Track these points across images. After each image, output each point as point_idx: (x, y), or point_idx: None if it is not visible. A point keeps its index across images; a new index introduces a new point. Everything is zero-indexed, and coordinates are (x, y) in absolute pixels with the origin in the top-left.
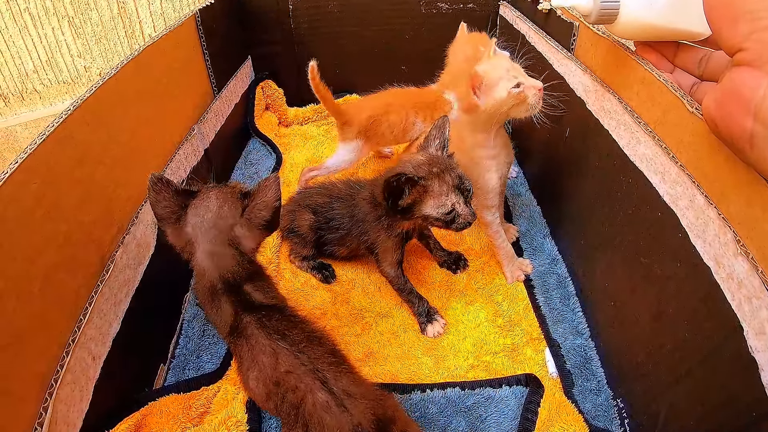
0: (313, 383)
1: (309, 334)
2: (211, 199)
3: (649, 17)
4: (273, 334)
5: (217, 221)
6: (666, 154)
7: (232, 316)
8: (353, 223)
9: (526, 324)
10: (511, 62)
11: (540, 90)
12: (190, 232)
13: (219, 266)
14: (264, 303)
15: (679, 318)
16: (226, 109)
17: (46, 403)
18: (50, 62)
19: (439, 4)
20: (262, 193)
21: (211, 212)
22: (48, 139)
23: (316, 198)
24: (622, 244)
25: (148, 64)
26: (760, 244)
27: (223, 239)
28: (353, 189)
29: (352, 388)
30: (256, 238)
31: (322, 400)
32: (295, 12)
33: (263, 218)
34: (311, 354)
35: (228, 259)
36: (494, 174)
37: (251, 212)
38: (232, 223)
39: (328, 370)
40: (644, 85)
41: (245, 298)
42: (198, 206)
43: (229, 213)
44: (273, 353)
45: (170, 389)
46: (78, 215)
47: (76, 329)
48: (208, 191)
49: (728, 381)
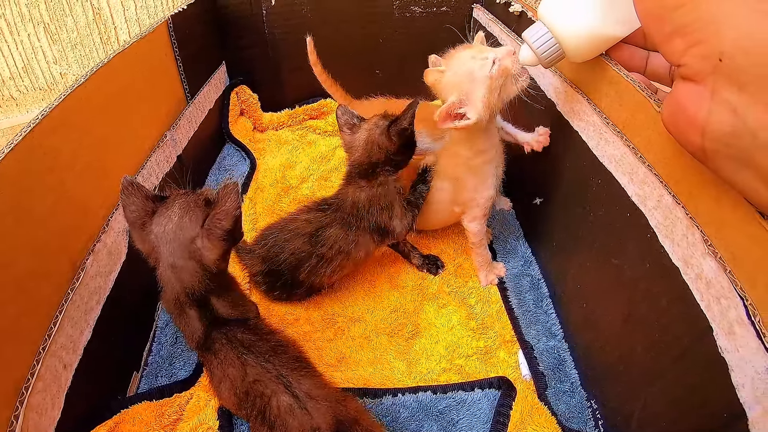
0: (277, 387)
1: (274, 345)
2: (174, 208)
3: (593, 36)
4: (240, 347)
5: (178, 233)
6: (634, 154)
7: (201, 331)
8: (347, 230)
9: (500, 326)
10: (468, 47)
11: (512, 53)
12: (153, 241)
13: (181, 279)
14: (231, 317)
15: (650, 319)
16: (200, 115)
17: (17, 411)
18: (26, 69)
19: (413, 7)
20: (222, 202)
21: (172, 223)
22: (17, 146)
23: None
24: (594, 245)
25: (119, 71)
26: (728, 244)
27: (183, 252)
28: (321, 212)
29: (314, 391)
30: (217, 250)
31: (285, 404)
32: (269, 17)
33: (223, 228)
34: (276, 362)
35: (190, 272)
36: (494, 180)
37: (211, 222)
38: (192, 236)
39: (291, 374)
40: (612, 86)
41: (211, 312)
42: (161, 215)
43: (190, 224)
44: (241, 366)
45: (143, 396)
46: (49, 223)
47: (47, 337)
48: (174, 200)
49: (700, 382)
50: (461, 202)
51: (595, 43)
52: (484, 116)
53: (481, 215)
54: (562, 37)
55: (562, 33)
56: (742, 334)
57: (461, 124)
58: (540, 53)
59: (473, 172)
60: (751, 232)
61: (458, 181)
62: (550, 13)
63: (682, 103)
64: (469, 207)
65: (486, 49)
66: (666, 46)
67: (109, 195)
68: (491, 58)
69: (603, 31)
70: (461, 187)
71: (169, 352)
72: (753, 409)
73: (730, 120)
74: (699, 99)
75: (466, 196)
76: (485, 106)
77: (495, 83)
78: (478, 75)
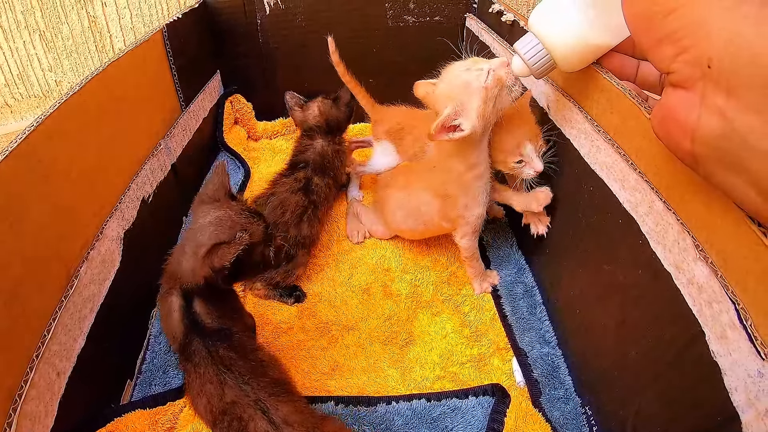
0: (255, 413)
1: (255, 365)
2: (217, 212)
3: (583, 46)
4: (220, 365)
5: (201, 231)
6: (625, 161)
7: (181, 332)
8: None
9: (493, 334)
10: (462, 61)
11: (506, 63)
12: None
13: (180, 263)
14: (211, 328)
15: (642, 324)
16: (194, 124)
17: (10, 419)
18: (21, 76)
19: (406, 17)
20: (236, 242)
21: (205, 220)
22: (11, 154)
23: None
24: (586, 252)
25: (113, 79)
26: (720, 249)
27: (193, 247)
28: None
29: (291, 416)
30: (203, 271)
31: (262, 430)
32: (263, 26)
33: (212, 264)
34: (255, 385)
35: (190, 264)
36: (484, 198)
37: (216, 249)
38: (204, 243)
39: (269, 400)
40: (603, 93)
41: (192, 316)
42: (210, 208)
43: (211, 233)
44: (219, 384)
45: (136, 405)
46: (42, 230)
47: (41, 344)
48: (223, 206)
49: (693, 386)
50: (450, 219)
51: (585, 53)
52: (478, 127)
53: (471, 232)
54: (553, 48)
55: (553, 43)
56: (735, 337)
57: (456, 136)
58: (531, 64)
59: (464, 190)
60: (742, 237)
61: (448, 199)
62: (540, 23)
63: (672, 109)
64: (459, 224)
65: (480, 60)
66: (655, 53)
67: (103, 202)
68: (486, 69)
69: (593, 41)
70: (451, 205)
71: (163, 360)
72: (746, 412)
73: (719, 125)
74: (688, 105)
75: (456, 213)
76: (480, 116)
77: (490, 93)
78: (474, 86)
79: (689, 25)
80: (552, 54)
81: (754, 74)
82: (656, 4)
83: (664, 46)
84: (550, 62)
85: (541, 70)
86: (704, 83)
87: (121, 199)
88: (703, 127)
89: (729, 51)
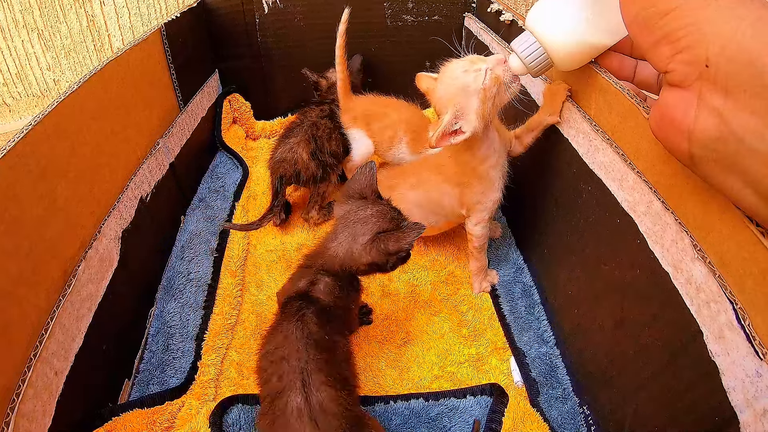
0: (295, 383)
1: (329, 343)
2: (373, 208)
3: (580, 45)
4: (300, 330)
5: (362, 222)
6: (623, 161)
7: (293, 292)
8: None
9: (491, 333)
10: (459, 60)
11: (503, 61)
12: (339, 212)
13: (329, 248)
14: (323, 302)
15: (640, 324)
16: (192, 123)
17: (8, 418)
18: (20, 75)
19: (405, 16)
20: (406, 235)
21: (364, 213)
22: (9, 153)
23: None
24: (584, 252)
25: (111, 78)
26: (717, 249)
27: (350, 236)
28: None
29: (330, 405)
30: (368, 257)
31: (294, 405)
32: (261, 25)
33: (387, 249)
34: (311, 356)
35: (344, 248)
36: (501, 183)
37: (386, 237)
38: (364, 232)
39: (316, 376)
40: (602, 93)
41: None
42: (363, 203)
43: (369, 225)
44: (285, 337)
45: (134, 404)
46: (40, 229)
47: (38, 344)
48: (377, 203)
49: (691, 386)
50: (468, 204)
51: (582, 52)
52: (478, 127)
53: (487, 218)
54: (550, 47)
55: (550, 42)
56: (732, 338)
57: (458, 140)
58: (528, 63)
59: (480, 179)
60: (739, 237)
61: (466, 186)
62: (537, 22)
63: (669, 109)
64: (475, 210)
65: (478, 59)
66: (653, 53)
67: (101, 201)
68: (484, 68)
69: (590, 40)
70: (469, 191)
71: (161, 359)
72: (744, 412)
73: (716, 125)
74: (686, 105)
75: (474, 199)
76: (479, 117)
77: (489, 93)
78: (472, 88)
79: (687, 25)
80: (549, 53)
81: (751, 76)
82: (654, 4)
83: (662, 46)
84: (547, 61)
85: (538, 69)
86: (701, 83)
87: (119, 199)
88: (700, 128)
89: (726, 52)
